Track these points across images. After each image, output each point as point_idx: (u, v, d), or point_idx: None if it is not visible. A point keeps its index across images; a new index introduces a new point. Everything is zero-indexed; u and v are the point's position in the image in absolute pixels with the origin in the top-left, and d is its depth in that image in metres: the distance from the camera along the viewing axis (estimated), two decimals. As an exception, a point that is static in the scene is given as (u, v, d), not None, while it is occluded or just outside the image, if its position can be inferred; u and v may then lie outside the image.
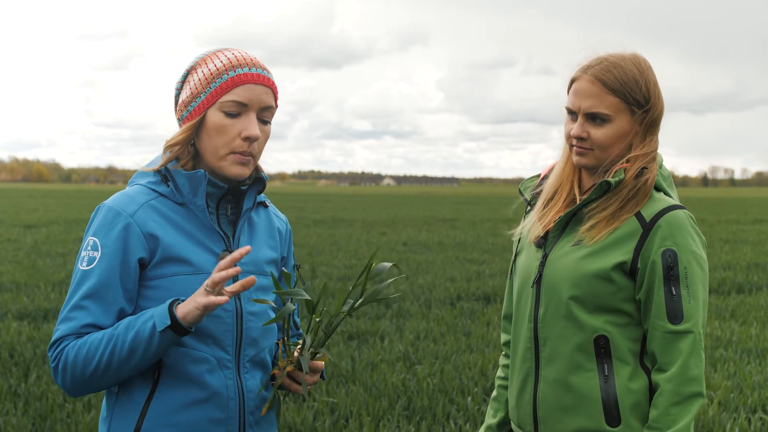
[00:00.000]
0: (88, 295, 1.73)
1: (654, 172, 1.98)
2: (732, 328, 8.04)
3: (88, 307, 1.73)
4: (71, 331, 1.72)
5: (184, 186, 1.80)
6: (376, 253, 1.86)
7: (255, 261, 1.88)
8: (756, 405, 5.43)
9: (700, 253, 1.94)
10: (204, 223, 1.82)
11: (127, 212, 1.76)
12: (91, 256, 1.75)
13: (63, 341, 1.73)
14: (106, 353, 1.68)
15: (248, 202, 1.88)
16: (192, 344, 1.76)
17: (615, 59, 1.98)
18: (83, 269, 1.75)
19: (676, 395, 1.87)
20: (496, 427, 2.25)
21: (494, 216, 30.90)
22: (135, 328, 1.68)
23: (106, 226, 1.76)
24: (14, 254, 14.08)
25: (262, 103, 1.80)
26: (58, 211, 31.15)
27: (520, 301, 2.09)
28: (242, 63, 1.80)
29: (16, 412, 4.99)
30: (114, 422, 1.78)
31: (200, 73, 1.81)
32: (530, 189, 2.20)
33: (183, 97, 1.84)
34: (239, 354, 1.82)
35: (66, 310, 1.75)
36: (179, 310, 1.68)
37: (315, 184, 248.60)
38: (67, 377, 1.72)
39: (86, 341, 1.70)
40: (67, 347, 1.71)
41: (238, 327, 1.82)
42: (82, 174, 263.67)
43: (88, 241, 1.76)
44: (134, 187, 1.84)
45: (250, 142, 1.78)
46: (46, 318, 8.10)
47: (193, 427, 1.77)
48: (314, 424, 4.85)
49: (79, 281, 1.75)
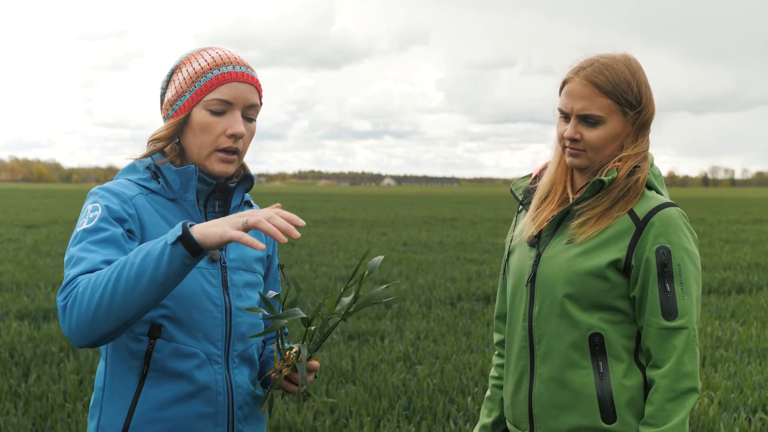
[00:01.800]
0: (98, 240, 1.67)
1: (645, 171, 1.99)
2: (732, 328, 8.04)
3: (98, 250, 1.65)
4: (86, 269, 1.61)
5: (174, 182, 1.82)
6: (369, 252, 1.85)
7: (243, 258, 1.89)
8: (756, 405, 5.43)
9: (692, 250, 1.95)
10: (194, 218, 1.83)
11: (124, 194, 1.77)
12: (91, 216, 1.71)
13: (75, 280, 1.60)
14: (113, 277, 1.55)
15: (236, 200, 1.90)
16: (181, 339, 1.76)
17: (606, 60, 1.99)
18: (85, 227, 1.69)
19: (671, 391, 1.88)
20: (490, 427, 2.26)
21: (494, 216, 30.91)
22: (146, 249, 1.57)
23: (102, 198, 1.74)
24: (14, 254, 14.09)
25: (246, 101, 1.82)
26: (58, 211, 31.16)
27: (514, 300, 2.10)
28: (226, 61, 1.82)
29: (17, 412, 4.99)
30: (103, 417, 1.78)
31: (185, 72, 1.83)
32: (522, 189, 2.21)
33: (168, 96, 1.86)
34: (228, 349, 1.83)
35: (75, 256, 1.65)
36: (197, 227, 1.55)
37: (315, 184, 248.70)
38: (73, 314, 1.56)
39: (97, 273, 1.59)
40: (79, 283, 1.59)
41: (227, 322, 1.82)
42: (82, 174, 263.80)
43: (85, 208, 1.74)
44: (122, 180, 1.84)
45: (235, 139, 1.80)
46: (47, 318, 8.11)
47: (181, 422, 1.77)
48: (314, 424, 4.86)
49: (83, 235, 1.67)
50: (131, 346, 1.75)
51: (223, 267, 1.84)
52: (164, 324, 1.75)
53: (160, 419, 1.76)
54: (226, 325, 1.82)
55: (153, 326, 1.75)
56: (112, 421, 1.77)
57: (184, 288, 1.76)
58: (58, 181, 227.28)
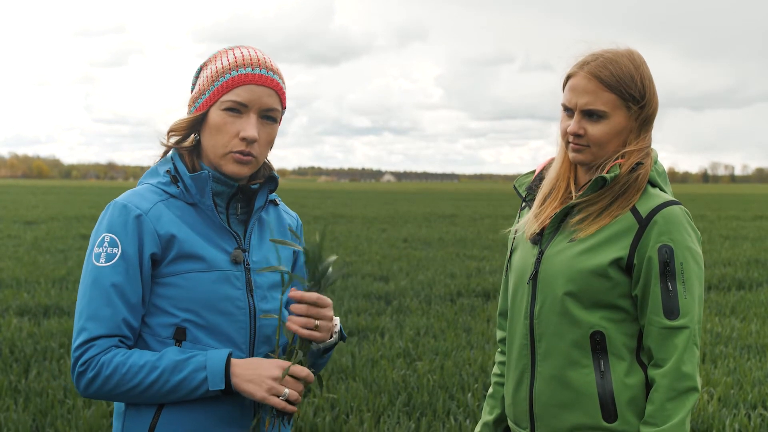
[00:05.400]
0: (114, 292, 1.71)
1: (648, 167, 1.98)
2: (732, 325, 8.04)
3: (114, 304, 1.71)
4: (104, 332, 1.70)
5: (191, 186, 1.80)
6: (325, 231, 1.83)
7: (267, 261, 1.88)
8: (756, 401, 5.44)
9: (695, 248, 1.94)
10: (215, 222, 1.82)
11: (141, 209, 1.76)
12: (110, 253, 1.72)
13: (95, 344, 1.70)
14: (145, 383, 1.69)
15: (260, 201, 1.88)
16: (206, 342, 1.76)
17: (611, 55, 1.97)
18: (101, 265, 1.72)
19: (671, 390, 1.87)
20: (492, 424, 2.26)
21: (494, 212, 30.90)
22: (183, 372, 1.69)
23: (120, 222, 1.74)
24: (14, 250, 14.08)
25: (263, 105, 1.79)
26: (58, 207, 31.14)
27: (516, 297, 2.09)
28: (248, 63, 1.79)
29: (17, 408, 4.99)
30: (128, 420, 1.78)
31: (209, 70, 1.82)
32: (525, 185, 2.20)
33: (194, 92, 1.86)
34: (253, 352, 1.82)
35: (89, 307, 1.71)
36: (236, 374, 1.71)
37: (315, 180, 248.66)
38: (93, 387, 1.70)
39: (126, 362, 1.69)
40: (102, 359, 1.69)
41: (251, 325, 1.82)
42: (82, 170, 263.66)
43: (103, 237, 1.74)
44: (144, 186, 1.84)
45: (248, 143, 1.78)
46: (47, 314, 8.11)
47: (207, 425, 1.76)
48: (314, 420, 4.86)
49: (99, 278, 1.72)
50: (157, 349, 1.76)
51: (247, 269, 1.83)
52: (188, 327, 1.76)
53: (185, 421, 1.75)
54: (251, 328, 1.81)
55: (178, 329, 1.75)
56: (138, 422, 1.76)
57: (207, 292, 1.76)
58: (58, 178, 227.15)
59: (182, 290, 1.75)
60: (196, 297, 1.75)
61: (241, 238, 1.85)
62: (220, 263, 1.79)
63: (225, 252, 1.81)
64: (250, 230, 1.86)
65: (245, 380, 1.70)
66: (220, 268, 1.78)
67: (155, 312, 1.76)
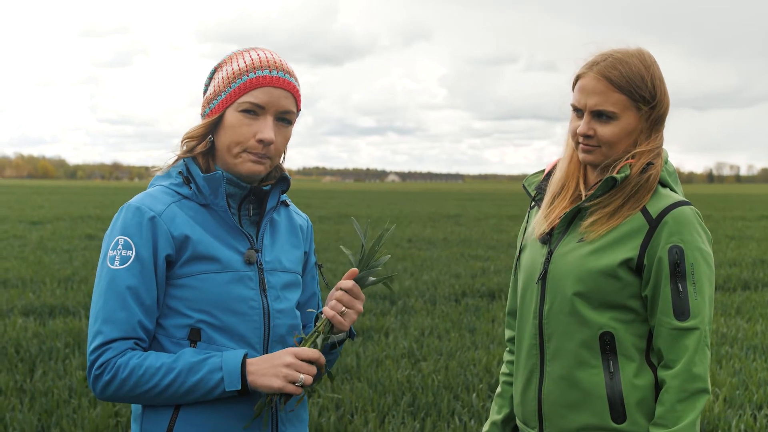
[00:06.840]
0: (129, 295, 1.72)
1: (659, 167, 1.97)
2: (738, 325, 8.02)
3: (129, 306, 1.72)
4: (119, 335, 1.71)
5: (204, 187, 1.81)
6: (385, 232, 1.90)
7: (279, 261, 1.89)
8: (761, 402, 5.42)
9: (706, 249, 1.93)
10: (228, 222, 1.83)
11: (154, 211, 1.76)
12: (124, 255, 1.73)
13: (111, 347, 1.71)
14: (162, 384, 1.70)
15: (272, 202, 1.89)
16: (221, 342, 1.77)
17: (620, 55, 1.96)
18: (115, 268, 1.73)
19: (681, 392, 1.86)
20: (500, 423, 2.25)
21: (499, 212, 30.87)
22: (199, 374, 1.70)
23: (134, 225, 1.75)
24: (20, 250, 14.11)
25: (280, 107, 1.81)
26: (63, 207, 31.21)
27: (525, 297, 2.08)
28: (264, 65, 1.81)
29: (22, 408, 5.00)
30: (146, 422, 1.78)
31: (225, 72, 1.83)
32: (535, 185, 2.19)
33: (208, 94, 1.87)
34: (267, 352, 1.82)
35: (104, 310, 1.72)
36: (252, 372, 1.72)
37: (320, 180, 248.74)
38: (110, 389, 1.71)
39: (142, 364, 1.70)
40: (118, 361, 1.70)
41: (265, 324, 1.82)
42: (87, 170, 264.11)
43: (117, 240, 1.75)
44: (157, 187, 1.84)
45: (264, 144, 1.79)
46: (52, 314, 8.13)
47: (224, 424, 1.77)
48: (319, 420, 4.86)
49: (114, 281, 1.73)
50: (172, 350, 1.76)
51: (260, 269, 1.84)
52: (203, 328, 1.76)
53: (203, 422, 1.76)
54: (265, 328, 1.82)
55: (192, 330, 1.76)
56: (156, 422, 1.77)
57: (220, 293, 1.77)
58: (63, 178, 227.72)
59: (196, 291, 1.76)
60: (211, 298, 1.76)
61: (254, 239, 1.86)
62: (234, 264, 1.80)
63: (238, 252, 1.81)
64: (262, 231, 1.87)
65: (260, 375, 1.71)
66: (234, 268, 1.79)
67: (170, 313, 1.77)
